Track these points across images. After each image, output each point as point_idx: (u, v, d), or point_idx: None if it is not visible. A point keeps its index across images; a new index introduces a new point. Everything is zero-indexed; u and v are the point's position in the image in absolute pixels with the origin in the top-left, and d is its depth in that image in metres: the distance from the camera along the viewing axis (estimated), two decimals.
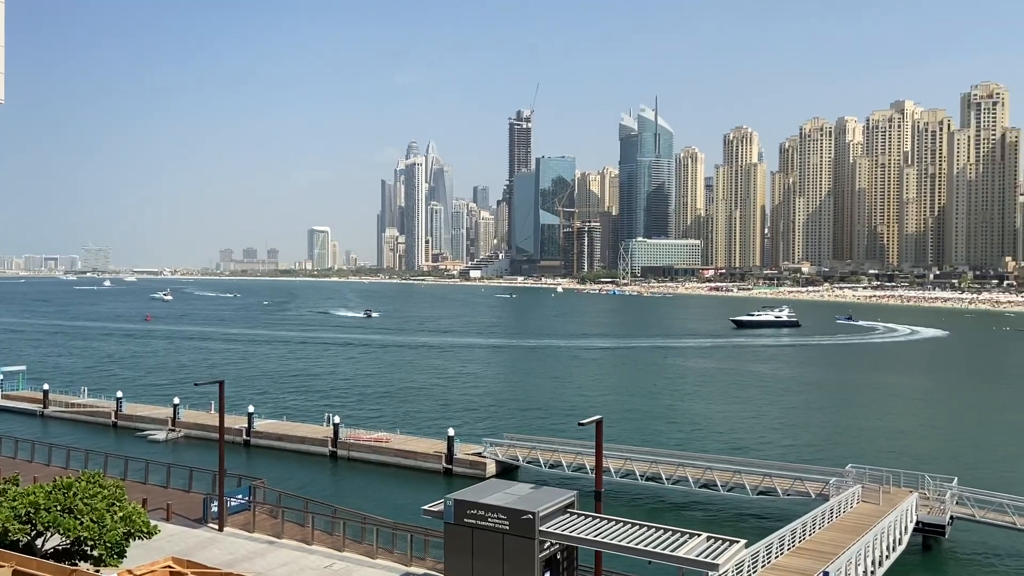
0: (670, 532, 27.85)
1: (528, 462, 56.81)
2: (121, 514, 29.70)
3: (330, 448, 64.44)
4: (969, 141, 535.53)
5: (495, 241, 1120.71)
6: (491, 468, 57.53)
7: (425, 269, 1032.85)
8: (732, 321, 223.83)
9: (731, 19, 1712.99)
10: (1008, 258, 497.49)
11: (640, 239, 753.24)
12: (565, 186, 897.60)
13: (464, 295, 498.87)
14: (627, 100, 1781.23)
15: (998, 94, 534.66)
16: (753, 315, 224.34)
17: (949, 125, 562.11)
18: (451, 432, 60.26)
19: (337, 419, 66.12)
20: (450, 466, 58.82)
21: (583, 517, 29.46)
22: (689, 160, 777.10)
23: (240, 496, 43.02)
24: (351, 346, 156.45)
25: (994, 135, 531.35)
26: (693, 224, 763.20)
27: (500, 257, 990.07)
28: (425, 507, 31.12)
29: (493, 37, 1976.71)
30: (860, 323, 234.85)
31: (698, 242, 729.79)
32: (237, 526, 41.02)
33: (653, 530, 28.06)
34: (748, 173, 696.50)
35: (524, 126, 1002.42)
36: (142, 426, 74.50)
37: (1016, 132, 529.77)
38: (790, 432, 76.66)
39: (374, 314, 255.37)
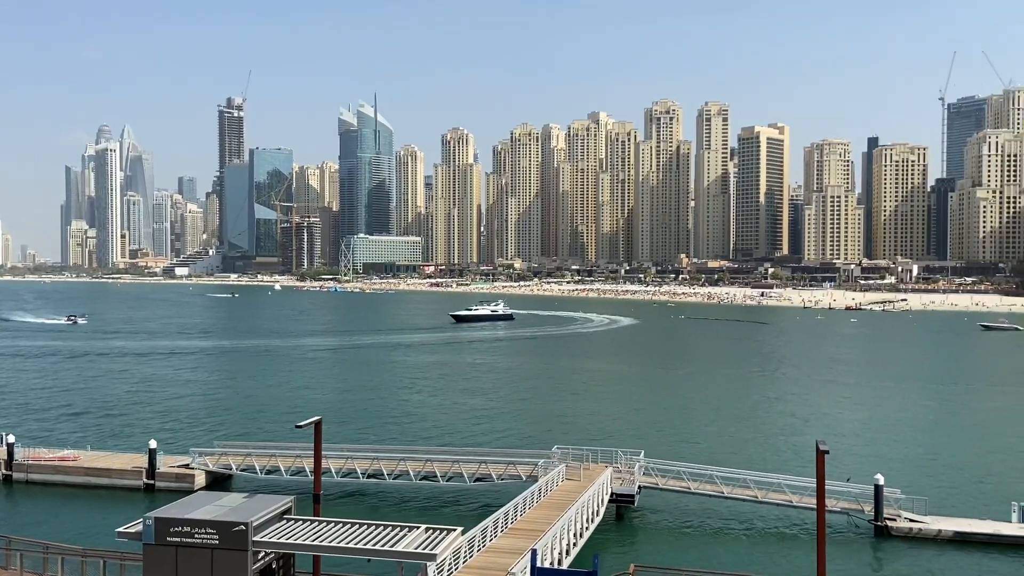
0: (390, 528, 28.00)
1: (243, 470, 53.88)
2: None
3: (3, 471, 55.97)
4: (651, 151, 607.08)
5: (204, 236, 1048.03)
6: (200, 480, 53.70)
7: (121, 266, 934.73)
8: (451, 316, 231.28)
9: (447, 23, 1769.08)
10: (683, 255, 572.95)
11: (362, 236, 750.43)
12: (282, 179, 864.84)
13: (171, 295, 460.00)
14: (346, 95, 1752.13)
15: (673, 110, 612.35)
16: (471, 310, 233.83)
17: (635, 136, 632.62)
18: (153, 444, 55.19)
19: (12, 438, 57.55)
20: (152, 481, 53.86)
21: (301, 522, 28.62)
22: (409, 158, 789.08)
23: None
24: (35, 357, 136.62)
25: (671, 147, 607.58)
26: (414, 221, 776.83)
27: (211, 253, 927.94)
28: (120, 529, 28.18)
29: (199, 12, 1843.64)
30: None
31: (419, 239, 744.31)
32: None
33: (373, 528, 28.03)
34: (465, 173, 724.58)
35: (236, 114, 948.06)
36: None
37: (688, 145, 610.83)
38: (505, 419, 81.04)
39: (80, 320, 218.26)
